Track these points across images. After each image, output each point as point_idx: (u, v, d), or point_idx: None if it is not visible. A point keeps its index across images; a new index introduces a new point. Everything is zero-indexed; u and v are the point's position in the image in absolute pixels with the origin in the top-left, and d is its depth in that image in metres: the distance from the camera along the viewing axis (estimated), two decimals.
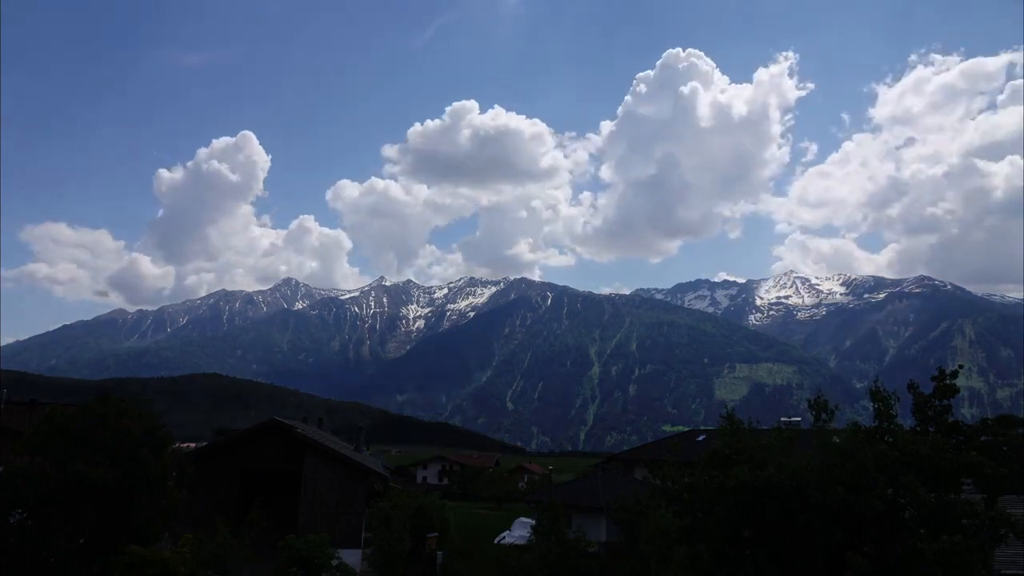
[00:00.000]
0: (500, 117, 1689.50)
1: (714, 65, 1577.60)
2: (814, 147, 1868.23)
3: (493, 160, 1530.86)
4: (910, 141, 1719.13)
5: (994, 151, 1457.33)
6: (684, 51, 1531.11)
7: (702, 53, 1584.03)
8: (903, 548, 12.29)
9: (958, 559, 11.62)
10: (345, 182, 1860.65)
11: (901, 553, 12.29)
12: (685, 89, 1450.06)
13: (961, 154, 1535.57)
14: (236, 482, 30.60)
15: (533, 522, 29.57)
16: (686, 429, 66.73)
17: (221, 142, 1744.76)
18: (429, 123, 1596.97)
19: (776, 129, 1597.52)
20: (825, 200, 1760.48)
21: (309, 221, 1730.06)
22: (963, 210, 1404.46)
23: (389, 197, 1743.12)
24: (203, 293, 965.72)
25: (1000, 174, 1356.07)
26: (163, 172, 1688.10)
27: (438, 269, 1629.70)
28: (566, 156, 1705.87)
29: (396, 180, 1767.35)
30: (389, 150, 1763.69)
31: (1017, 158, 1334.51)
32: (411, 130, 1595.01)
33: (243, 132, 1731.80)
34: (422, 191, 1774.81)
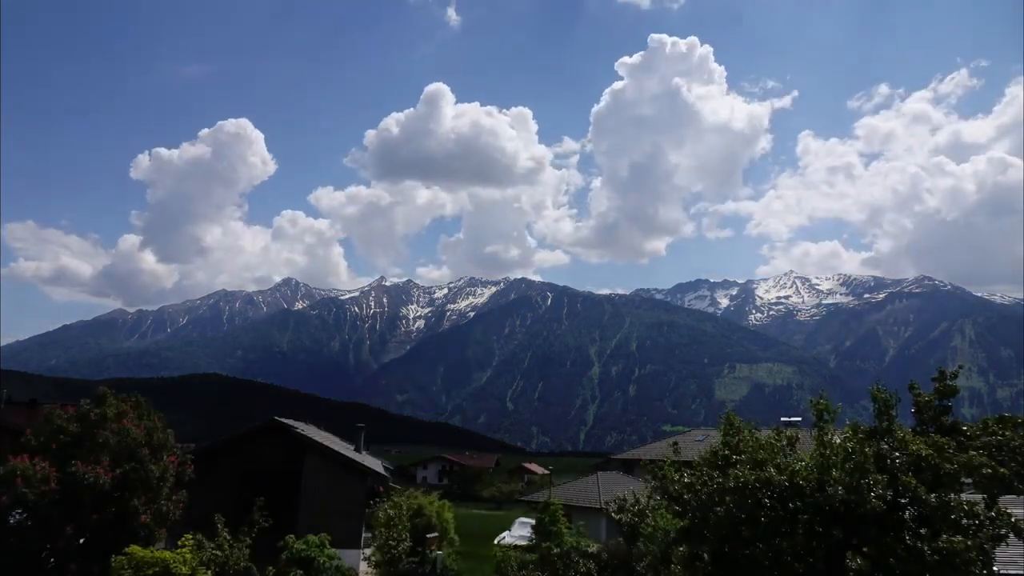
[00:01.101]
0: (485, 117, 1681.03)
1: (702, 63, 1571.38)
2: (797, 151, 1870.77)
3: (477, 160, 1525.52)
4: (890, 146, 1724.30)
5: (963, 154, 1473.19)
6: (669, 38, 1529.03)
7: (697, 42, 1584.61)
8: (903, 548, 12.28)
9: (958, 559, 11.61)
10: (328, 188, 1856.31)
11: (901, 553, 12.28)
12: (670, 86, 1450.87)
13: (934, 158, 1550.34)
14: (236, 482, 30.58)
15: (533, 522, 29.58)
16: (686, 429, 66.60)
17: (212, 135, 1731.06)
18: (414, 124, 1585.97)
19: (760, 134, 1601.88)
20: (807, 204, 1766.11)
21: (300, 218, 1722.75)
22: (941, 211, 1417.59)
23: (373, 200, 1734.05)
24: (199, 292, 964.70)
25: (973, 175, 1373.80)
26: (148, 172, 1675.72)
27: (423, 271, 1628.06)
28: (555, 158, 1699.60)
29: (378, 182, 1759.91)
30: (372, 154, 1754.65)
31: (981, 158, 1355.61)
32: (396, 131, 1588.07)
33: (236, 121, 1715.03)
34: (406, 192, 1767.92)
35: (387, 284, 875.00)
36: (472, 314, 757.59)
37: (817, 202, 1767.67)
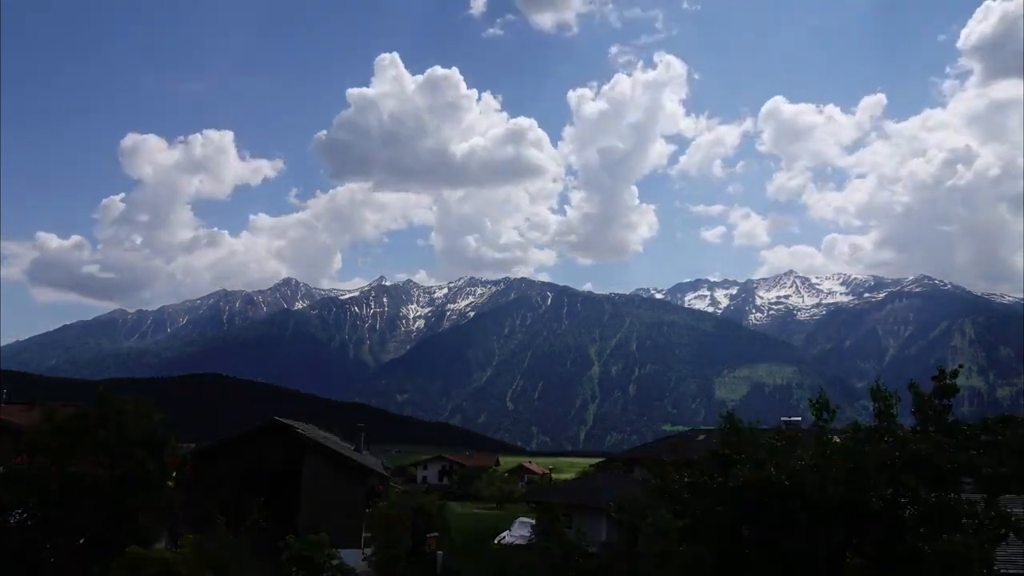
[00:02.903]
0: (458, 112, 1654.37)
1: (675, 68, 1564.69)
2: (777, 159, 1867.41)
3: (444, 160, 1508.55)
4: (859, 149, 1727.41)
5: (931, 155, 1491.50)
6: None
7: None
8: (903, 548, 12.29)
9: (958, 559, 11.61)
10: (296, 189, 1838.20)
11: (901, 553, 12.29)
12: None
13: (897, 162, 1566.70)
14: (236, 482, 30.57)
15: (533, 522, 29.61)
16: (686, 429, 66.73)
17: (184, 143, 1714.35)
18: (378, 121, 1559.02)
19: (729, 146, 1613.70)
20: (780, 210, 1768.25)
21: (267, 220, 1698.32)
22: (909, 211, 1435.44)
23: (350, 201, 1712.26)
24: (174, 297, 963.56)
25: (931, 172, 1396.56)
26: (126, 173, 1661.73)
27: (401, 275, 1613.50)
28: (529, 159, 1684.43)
29: (341, 185, 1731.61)
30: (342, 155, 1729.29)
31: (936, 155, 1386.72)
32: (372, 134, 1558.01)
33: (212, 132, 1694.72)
34: (380, 195, 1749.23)
35: (387, 284, 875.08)
36: (472, 314, 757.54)
37: (792, 207, 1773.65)
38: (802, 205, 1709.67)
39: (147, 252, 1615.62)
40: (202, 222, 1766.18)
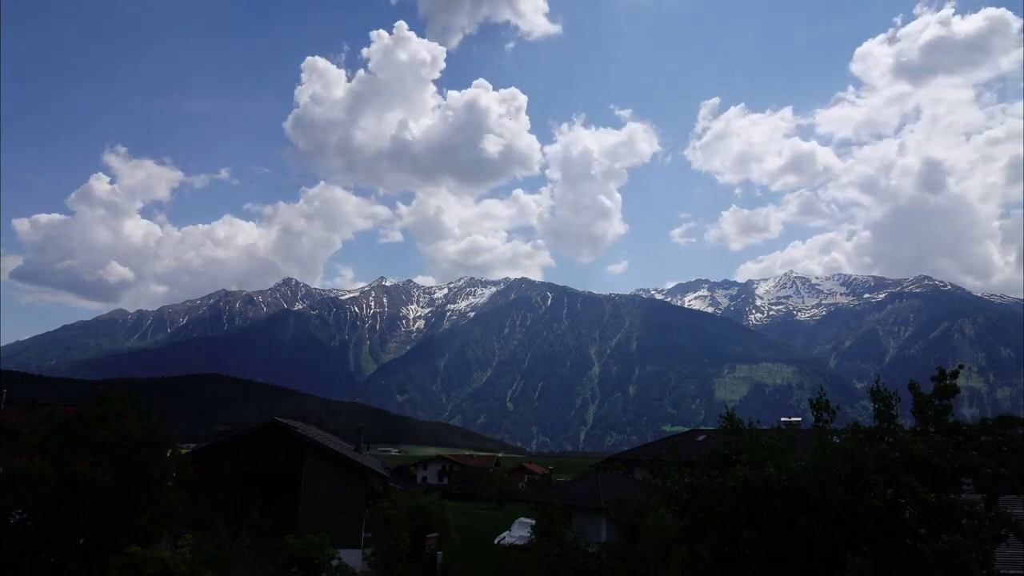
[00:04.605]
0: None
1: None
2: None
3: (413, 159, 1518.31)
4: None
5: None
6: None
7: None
8: (903, 548, 12.28)
9: (958, 559, 11.61)
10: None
11: (901, 553, 12.29)
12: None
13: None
14: (236, 482, 30.58)
15: (533, 522, 29.60)
16: (686, 429, 66.62)
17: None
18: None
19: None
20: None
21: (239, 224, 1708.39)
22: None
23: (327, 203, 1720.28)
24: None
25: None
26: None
27: (399, 276, 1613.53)
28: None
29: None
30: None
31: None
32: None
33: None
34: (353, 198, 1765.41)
35: (387, 284, 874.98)
36: (472, 314, 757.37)
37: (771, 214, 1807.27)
38: (771, 209, 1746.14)
39: (134, 252, 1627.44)
40: (180, 223, 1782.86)
